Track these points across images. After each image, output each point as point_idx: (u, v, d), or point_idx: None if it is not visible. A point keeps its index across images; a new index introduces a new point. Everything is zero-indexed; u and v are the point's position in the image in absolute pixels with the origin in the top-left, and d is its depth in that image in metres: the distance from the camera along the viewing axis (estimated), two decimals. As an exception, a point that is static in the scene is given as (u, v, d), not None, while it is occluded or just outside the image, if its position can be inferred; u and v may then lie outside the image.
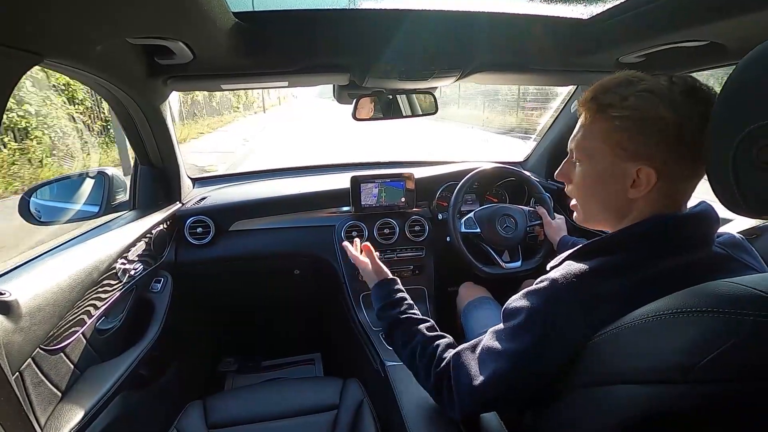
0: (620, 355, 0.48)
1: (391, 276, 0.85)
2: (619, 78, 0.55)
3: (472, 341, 0.63)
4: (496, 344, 0.57)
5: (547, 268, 0.60)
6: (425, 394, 0.90)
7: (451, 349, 0.66)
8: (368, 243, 0.92)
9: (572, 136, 0.63)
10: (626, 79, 0.54)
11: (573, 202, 0.66)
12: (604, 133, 0.56)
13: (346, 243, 0.96)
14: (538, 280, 0.57)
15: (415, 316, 0.77)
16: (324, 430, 0.91)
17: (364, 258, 0.90)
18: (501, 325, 0.59)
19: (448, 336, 0.73)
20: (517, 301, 0.57)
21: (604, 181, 0.58)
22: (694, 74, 0.72)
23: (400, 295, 0.81)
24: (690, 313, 0.40)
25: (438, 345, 0.69)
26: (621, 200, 0.57)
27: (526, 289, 0.57)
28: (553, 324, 0.52)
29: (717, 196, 0.45)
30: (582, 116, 0.60)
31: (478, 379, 0.57)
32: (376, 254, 0.89)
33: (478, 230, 1.29)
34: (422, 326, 0.74)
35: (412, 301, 0.81)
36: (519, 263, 1.29)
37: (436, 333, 0.74)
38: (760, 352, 0.36)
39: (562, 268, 0.56)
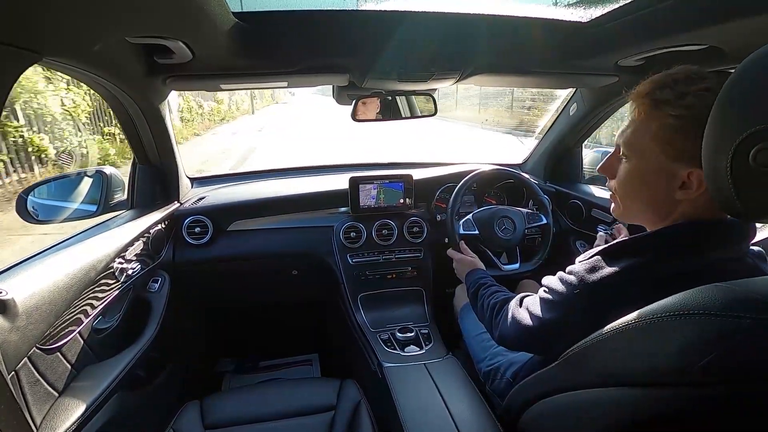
0: (617, 356, 0.48)
1: (479, 266, 1.05)
2: (677, 74, 0.54)
3: (519, 296, 0.76)
4: (537, 308, 0.66)
5: (576, 262, 0.62)
6: (422, 394, 0.90)
7: (501, 298, 0.82)
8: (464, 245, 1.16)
9: (621, 130, 0.62)
10: (686, 76, 0.53)
11: (610, 194, 0.67)
12: (656, 131, 0.54)
13: (458, 251, 1.15)
14: (569, 269, 0.61)
15: (489, 283, 0.93)
16: (321, 430, 0.91)
17: (461, 256, 1.11)
18: (542, 293, 0.66)
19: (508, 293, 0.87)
20: (555, 282, 0.63)
21: (652, 180, 0.57)
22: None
23: (481, 274, 0.99)
24: (686, 315, 0.40)
25: (499, 299, 0.83)
26: (666, 200, 0.56)
27: (561, 274, 0.63)
28: (575, 312, 0.58)
29: (716, 201, 0.45)
30: (634, 111, 0.58)
31: (516, 326, 0.69)
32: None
33: (477, 232, 1.29)
34: (492, 290, 0.89)
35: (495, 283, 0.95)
36: (517, 265, 1.29)
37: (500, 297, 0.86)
38: (756, 355, 0.36)
39: (591, 263, 0.57)
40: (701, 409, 0.39)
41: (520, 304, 0.72)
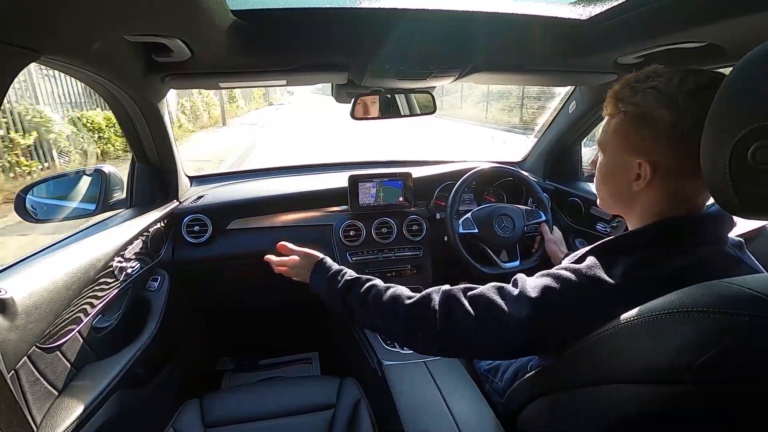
0: (616, 354, 0.48)
1: (321, 255, 0.87)
2: (643, 72, 0.57)
3: (463, 287, 0.64)
4: (502, 305, 0.57)
5: (565, 261, 0.62)
6: (422, 392, 0.90)
7: (410, 292, 0.69)
8: (283, 242, 0.92)
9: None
10: (646, 75, 0.56)
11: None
12: (615, 126, 0.59)
13: (269, 257, 0.92)
14: (560, 266, 0.59)
15: (364, 276, 0.78)
16: (321, 429, 0.91)
17: (288, 258, 0.90)
18: (509, 287, 0.60)
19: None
20: (536, 277, 0.59)
21: (614, 172, 0.62)
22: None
23: (337, 266, 0.83)
24: (685, 313, 0.40)
25: (396, 287, 0.72)
26: (626, 192, 0.60)
27: (546, 271, 0.59)
28: (564, 309, 0.54)
29: (714, 199, 0.45)
30: (605, 109, 0.62)
31: (476, 329, 0.59)
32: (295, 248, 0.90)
33: (476, 231, 1.29)
34: (375, 281, 0.75)
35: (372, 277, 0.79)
36: (517, 263, 1.29)
37: (389, 284, 0.74)
38: (756, 352, 0.36)
39: (585, 260, 0.57)
40: (700, 406, 0.40)
41: (466, 296, 0.62)
